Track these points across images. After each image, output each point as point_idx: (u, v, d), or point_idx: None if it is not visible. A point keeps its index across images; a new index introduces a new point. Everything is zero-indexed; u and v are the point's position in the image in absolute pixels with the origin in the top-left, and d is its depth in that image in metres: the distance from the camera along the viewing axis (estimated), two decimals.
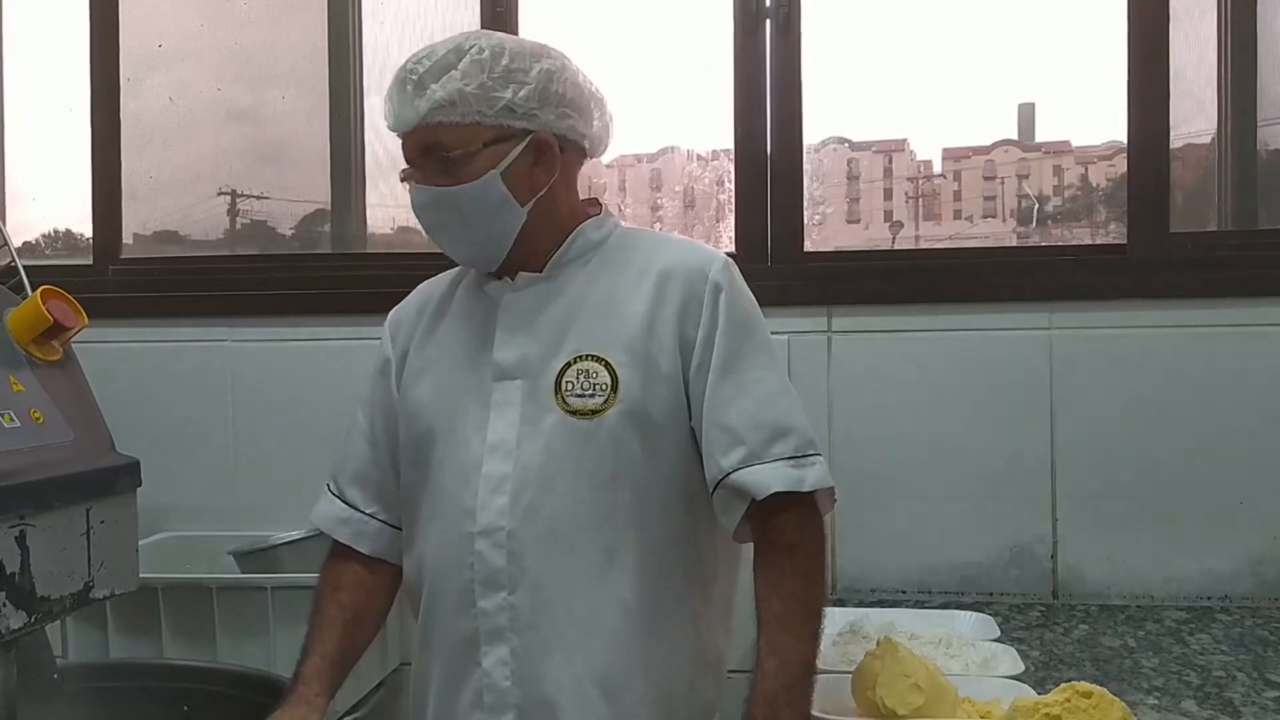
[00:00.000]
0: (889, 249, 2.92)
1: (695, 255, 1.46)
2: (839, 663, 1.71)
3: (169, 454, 2.26)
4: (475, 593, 1.40)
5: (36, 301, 1.40)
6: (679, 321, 1.41)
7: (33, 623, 1.29)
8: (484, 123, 1.38)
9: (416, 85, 1.37)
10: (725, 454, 1.37)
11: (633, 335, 1.40)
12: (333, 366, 2.46)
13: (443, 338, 1.52)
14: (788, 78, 2.38)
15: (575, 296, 1.45)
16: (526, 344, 1.43)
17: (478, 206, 1.40)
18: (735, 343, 1.40)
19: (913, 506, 2.26)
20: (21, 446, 1.30)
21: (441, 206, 1.41)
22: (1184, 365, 2.23)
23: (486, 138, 1.38)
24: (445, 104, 1.36)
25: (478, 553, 1.39)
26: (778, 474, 1.35)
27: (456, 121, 1.37)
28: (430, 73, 1.37)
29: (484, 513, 1.39)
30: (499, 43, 1.40)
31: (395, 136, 1.43)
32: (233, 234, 2.86)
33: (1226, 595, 2.21)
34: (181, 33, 2.76)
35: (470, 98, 1.36)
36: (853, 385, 2.29)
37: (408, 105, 1.38)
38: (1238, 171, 2.44)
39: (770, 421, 1.37)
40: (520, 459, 1.39)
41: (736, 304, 1.42)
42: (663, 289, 1.42)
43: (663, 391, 1.40)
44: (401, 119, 1.39)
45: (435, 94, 1.36)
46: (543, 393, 1.40)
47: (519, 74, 1.39)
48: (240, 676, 1.79)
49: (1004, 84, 2.66)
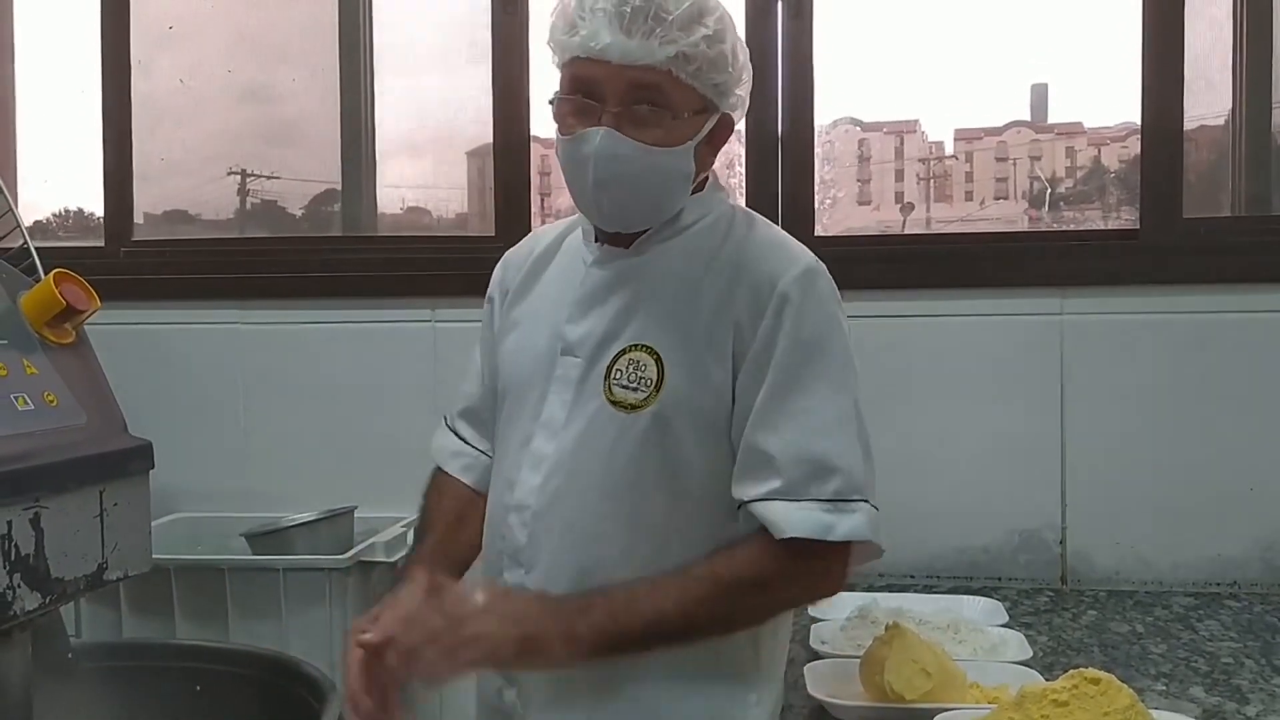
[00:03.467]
0: (900, 234, 2.90)
1: (775, 258, 1.34)
2: (847, 647, 1.71)
3: (180, 436, 2.27)
4: (504, 564, 1.38)
5: (49, 285, 1.40)
6: (736, 330, 1.30)
7: (47, 604, 1.29)
8: (701, 90, 1.30)
9: (655, 19, 1.25)
10: (758, 482, 1.27)
11: (691, 334, 1.31)
12: (344, 349, 2.48)
13: (536, 296, 1.46)
14: (800, 62, 2.38)
15: (650, 280, 1.36)
16: (592, 322, 1.37)
17: (663, 174, 1.32)
18: (795, 363, 1.29)
19: (922, 490, 2.24)
20: (35, 429, 1.30)
21: (628, 161, 1.29)
22: (1195, 351, 2.22)
23: (696, 105, 1.31)
24: (686, 56, 1.26)
25: (509, 526, 1.38)
26: (806, 517, 1.24)
27: (683, 79, 1.27)
28: (680, 18, 1.25)
29: (520, 488, 1.37)
30: (725, 13, 1.31)
31: (408, 117, 1.40)
32: (243, 214, 2.86)
33: (1235, 582, 2.21)
34: (192, 13, 2.76)
35: (709, 62, 1.28)
36: (863, 370, 2.24)
37: (636, 37, 1.25)
38: (1251, 156, 2.43)
39: (814, 457, 1.26)
40: (562, 441, 1.35)
41: (804, 321, 1.29)
42: (732, 291, 1.31)
43: (708, 400, 1.31)
44: (623, 50, 1.26)
45: (681, 41, 1.26)
46: (595, 376, 1.34)
47: (740, 50, 1.32)
48: (252, 656, 1.79)
49: (1017, 65, 2.65)
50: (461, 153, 2.79)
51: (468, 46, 2.58)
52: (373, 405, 2.45)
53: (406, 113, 2.78)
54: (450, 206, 2.88)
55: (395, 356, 2.45)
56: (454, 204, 2.88)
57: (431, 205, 2.91)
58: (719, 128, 1.35)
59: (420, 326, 2.44)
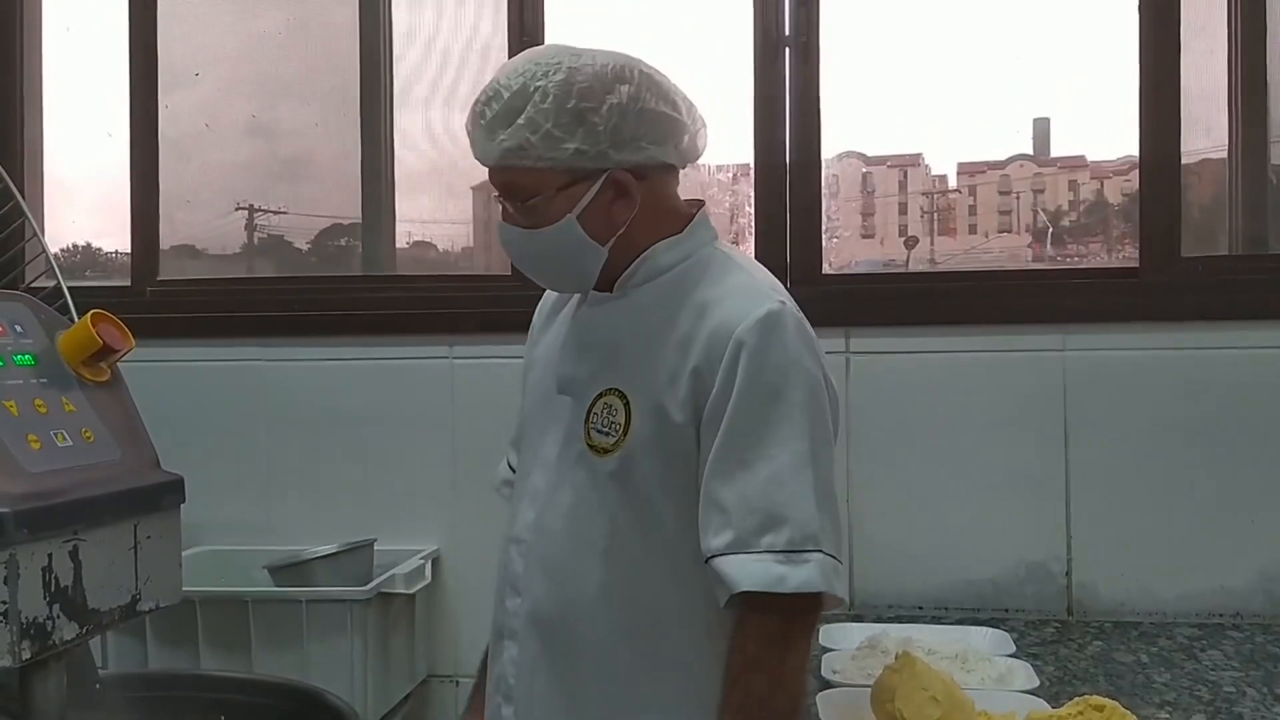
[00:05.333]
0: (905, 271, 2.94)
1: (739, 304, 1.32)
2: (857, 677, 1.75)
3: (204, 470, 2.31)
4: (505, 591, 1.46)
5: (87, 325, 1.44)
6: (695, 377, 1.30)
7: (83, 634, 1.33)
8: (556, 168, 1.32)
9: (486, 128, 1.33)
10: (715, 533, 1.27)
11: (655, 380, 1.33)
12: (364, 385, 2.52)
13: (550, 335, 1.52)
14: (807, 105, 2.43)
15: (628, 324, 1.40)
16: (579, 365, 1.42)
17: (557, 249, 1.37)
18: (749, 411, 1.27)
19: (930, 524, 2.29)
20: (74, 465, 1.34)
21: (523, 246, 1.39)
22: (1195, 385, 2.26)
23: (560, 182, 1.33)
24: (515, 150, 1.31)
25: (510, 556, 1.46)
26: (757, 569, 1.24)
27: (529, 166, 1.32)
28: (499, 117, 1.32)
29: (519, 521, 1.45)
30: (567, 78, 1.30)
31: (415, 151, 1.45)
32: (250, 249, 2.90)
33: (1238, 612, 2.24)
34: (214, 52, 2.80)
35: (538, 145, 1.30)
36: (871, 405, 2.32)
37: (480, 143, 1.35)
38: (1248, 195, 2.47)
39: (765, 507, 1.25)
40: (550, 478, 1.42)
41: (762, 367, 1.28)
42: (693, 337, 1.32)
43: (672, 444, 1.32)
44: (479, 154, 1.36)
45: (504, 142, 1.31)
46: (580, 418, 1.39)
47: (589, 113, 1.30)
48: (275, 687, 1.84)
49: (1019, 98, 2.66)
50: (467, 187, 2.83)
51: (477, 81, 2.63)
52: (392, 440, 2.49)
53: (413, 147, 2.81)
54: (456, 241, 2.92)
55: (414, 392, 2.49)
56: (460, 239, 2.91)
57: (437, 240, 2.94)
58: (613, 185, 1.34)
59: (438, 363, 2.49)
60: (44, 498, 1.27)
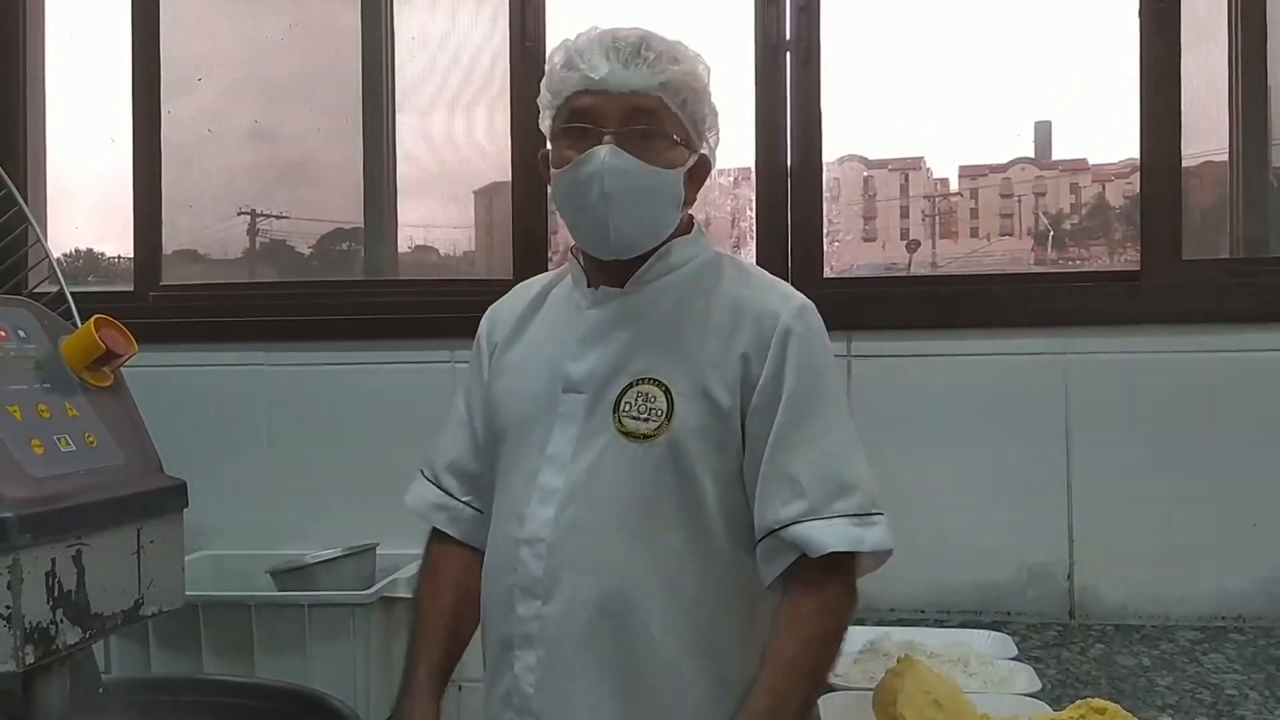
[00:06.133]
0: (907, 275, 2.94)
1: (774, 296, 1.44)
2: (860, 680, 1.74)
3: (206, 474, 2.31)
4: (515, 597, 1.42)
5: (90, 330, 1.44)
6: (743, 362, 1.38)
7: (86, 638, 1.33)
8: (685, 123, 1.42)
9: (640, 57, 1.37)
10: (785, 504, 1.34)
11: (697, 367, 1.39)
12: (366, 389, 2.52)
13: (528, 341, 1.53)
14: (808, 109, 2.43)
15: (650, 317, 1.44)
16: (596, 359, 1.43)
17: (659, 193, 1.41)
18: (803, 391, 1.37)
19: (932, 528, 2.27)
20: (78, 469, 1.34)
21: (630, 175, 1.37)
22: (1196, 389, 2.26)
23: (683, 135, 1.41)
24: (670, 85, 1.38)
25: (521, 560, 1.42)
26: (838, 532, 1.33)
27: (671, 109, 1.39)
28: (659, 56, 1.38)
29: (531, 522, 1.42)
30: (706, 64, 1.44)
31: (416, 155, 1.46)
32: (252, 253, 2.90)
33: (1240, 615, 2.24)
34: (216, 57, 2.81)
35: (693, 94, 1.40)
36: (872, 409, 2.31)
37: (630, 68, 1.37)
38: (1249, 197, 2.47)
39: (835, 475, 1.35)
40: (572, 474, 1.41)
41: (808, 351, 1.39)
42: (735, 326, 1.40)
43: (717, 429, 1.38)
44: (620, 79, 1.37)
45: (667, 71, 1.38)
46: (602, 410, 1.41)
47: (710, 98, 1.44)
48: (278, 691, 1.83)
49: (1020, 102, 2.66)
50: (469, 191, 2.83)
51: (479, 86, 2.64)
52: (394, 444, 2.47)
53: (414, 151, 2.81)
54: (458, 245, 2.92)
55: (415, 397, 2.49)
56: (462, 243, 2.91)
57: (439, 243, 2.94)
58: (698, 166, 1.45)
59: (440, 367, 2.49)
60: (47, 502, 1.27)
